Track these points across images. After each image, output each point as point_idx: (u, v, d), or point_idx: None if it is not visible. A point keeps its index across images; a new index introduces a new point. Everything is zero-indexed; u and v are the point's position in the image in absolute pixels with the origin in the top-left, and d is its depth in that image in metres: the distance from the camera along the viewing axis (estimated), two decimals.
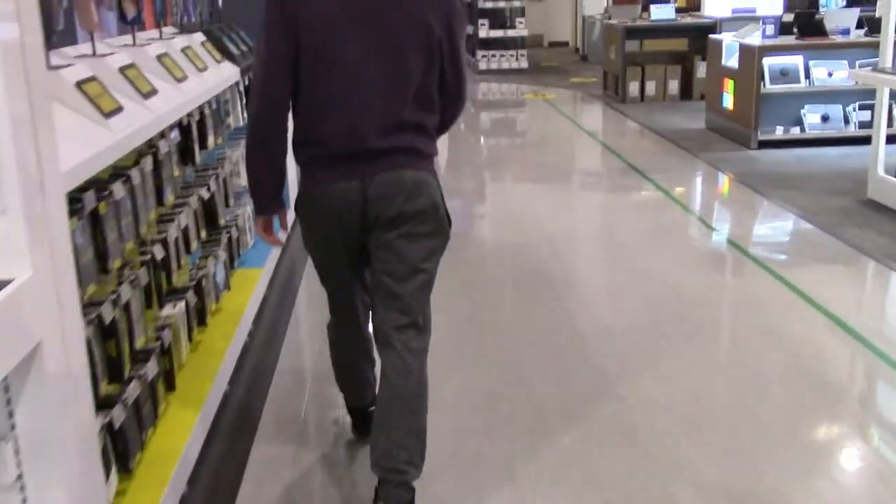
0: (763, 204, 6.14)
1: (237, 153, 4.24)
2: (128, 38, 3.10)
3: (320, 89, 2.22)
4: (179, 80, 3.03)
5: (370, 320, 2.50)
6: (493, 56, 14.03)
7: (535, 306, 4.24)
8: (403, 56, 2.23)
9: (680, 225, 5.80)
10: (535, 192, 6.80)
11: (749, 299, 4.31)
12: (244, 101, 4.36)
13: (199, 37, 3.77)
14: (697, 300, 4.29)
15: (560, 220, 5.97)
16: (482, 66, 14.03)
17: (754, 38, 7.73)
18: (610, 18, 15.12)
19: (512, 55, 14.09)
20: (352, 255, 2.39)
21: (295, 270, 4.80)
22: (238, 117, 4.25)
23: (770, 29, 7.72)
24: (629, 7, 15.85)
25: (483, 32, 13.85)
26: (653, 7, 10.47)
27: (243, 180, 4.29)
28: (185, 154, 3.26)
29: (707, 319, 4.05)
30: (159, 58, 3.02)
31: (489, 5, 13.72)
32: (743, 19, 9.97)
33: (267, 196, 2.40)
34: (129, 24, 3.05)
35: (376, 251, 2.33)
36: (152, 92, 2.72)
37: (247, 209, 4.34)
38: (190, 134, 3.27)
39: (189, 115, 3.18)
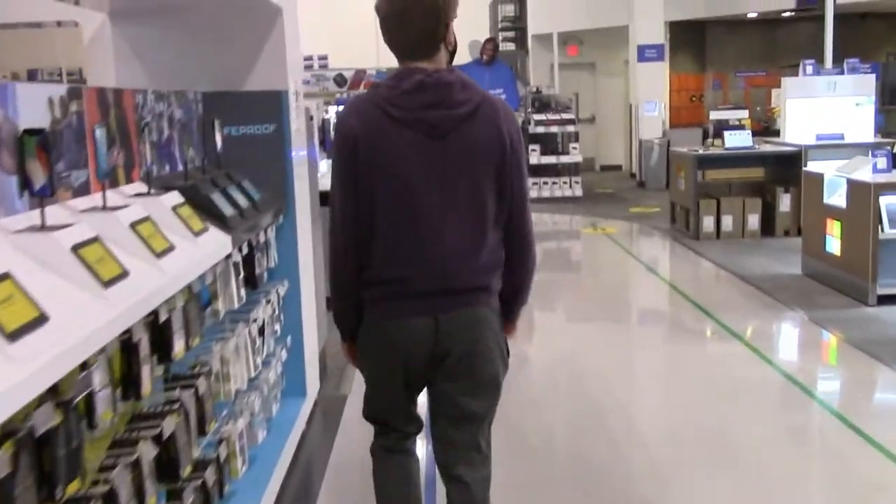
0: (885, 374, 4.89)
1: (230, 346, 3.10)
2: (36, 216, 2.00)
3: (393, 227, 2.23)
4: (107, 283, 1.91)
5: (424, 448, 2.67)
6: (545, 183, 13.05)
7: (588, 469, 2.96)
8: (475, 190, 2.23)
9: (773, 391, 4.67)
10: (597, 341, 5.59)
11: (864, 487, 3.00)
12: (240, 275, 3.25)
13: (171, 199, 2.69)
14: (794, 484, 2.99)
15: (624, 379, 4.95)
16: (533, 193, 13.01)
17: (864, 173, 6.56)
18: (670, 143, 14.23)
19: (565, 182, 13.09)
20: (412, 386, 2.39)
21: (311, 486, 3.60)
22: (233, 297, 3.13)
23: (882, 162, 6.55)
24: (689, 130, 14.95)
25: (534, 159, 12.90)
26: (727, 134, 9.40)
27: (234, 383, 3.14)
28: (127, 387, 2.13)
29: None
30: (78, 248, 1.91)
31: (540, 130, 12.82)
32: (830, 146, 8.86)
33: (350, 323, 2.40)
34: (37, 196, 1.96)
35: (441, 399, 2.38)
36: (40, 319, 1.59)
37: (239, 424, 3.16)
38: (135, 355, 2.14)
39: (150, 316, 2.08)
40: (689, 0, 15.10)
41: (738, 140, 9.34)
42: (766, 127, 14.37)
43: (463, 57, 10.55)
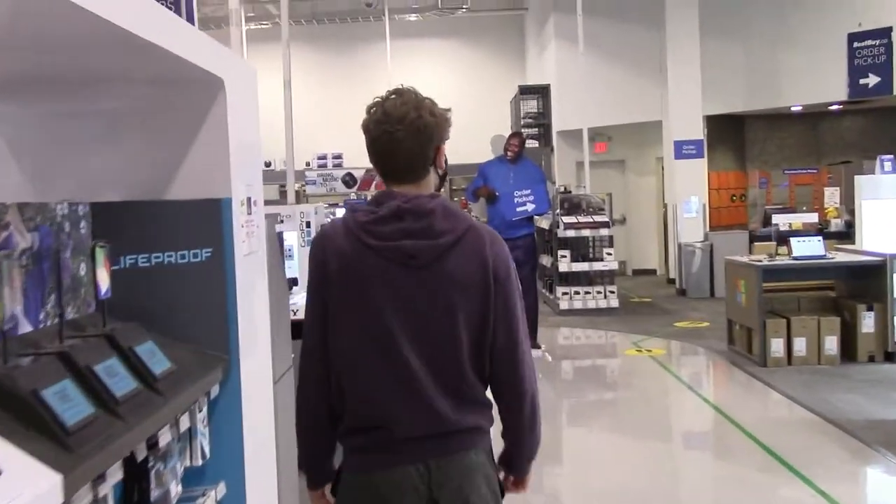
0: None
1: None
2: None
3: (366, 365, 2.06)
4: None
5: None
6: (577, 293, 11.67)
7: None
8: (454, 326, 2.04)
9: None
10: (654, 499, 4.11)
11: None
12: None
13: None
14: None
15: None
16: (563, 304, 11.64)
17: None
18: (713, 248, 12.89)
19: (599, 292, 11.71)
20: None
21: None
22: None
23: None
24: (733, 233, 13.61)
25: (564, 266, 11.57)
26: (795, 241, 8.04)
27: None
28: None
29: None
30: None
31: (570, 234, 11.52)
32: None
33: (320, 470, 2.25)
34: None
35: None
36: None
37: None
38: None
39: None
40: (727, 93, 14.00)
41: (808, 248, 7.98)
42: (821, 230, 13.01)
43: (485, 153, 9.30)
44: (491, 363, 2.10)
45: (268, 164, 19.78)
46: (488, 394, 2.19)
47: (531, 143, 14.83)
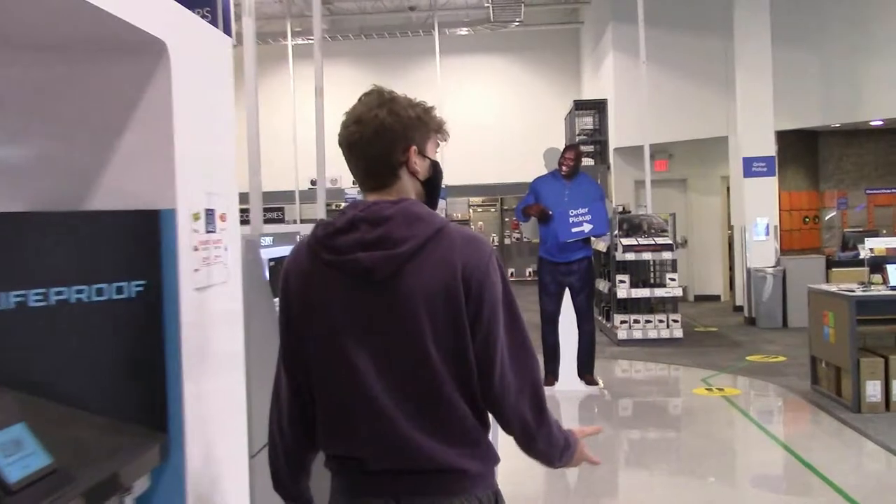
0: None
1: None
2: None
3: (327, 394, 1.86)
4: None
5: None
6: (637, 322, 10.71)
7: None
8: (421, 350, 1.79)
9: None
10: None
11: None
12: None
13: None
14: None
15: None
16: (622, 334, 10.69)
17: None
18: (786, 274, 11.83)
19: (661, 320, 10.73)
20: None
21: None
22: None
23: None
24: (807, 258, 12.53)
25: (622, 292, 10.62)
26: (891, 268, 7.02)
27: None
28: None
29: None
30: None
31: (630, 257, 10.59)
32: None
33: (291, 493, 2.02)
34: None
35: None
36: None
37: None
38: None
39: None
40: (801, 107, 12.97)
41: None
42: None
43: (538, 171, 8.44)
44: (485, 388, 1.86)
45: (313, 183, 19.24)
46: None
47: (587, 162, 13.95)
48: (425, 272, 1.79)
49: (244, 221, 7.04)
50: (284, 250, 4.85)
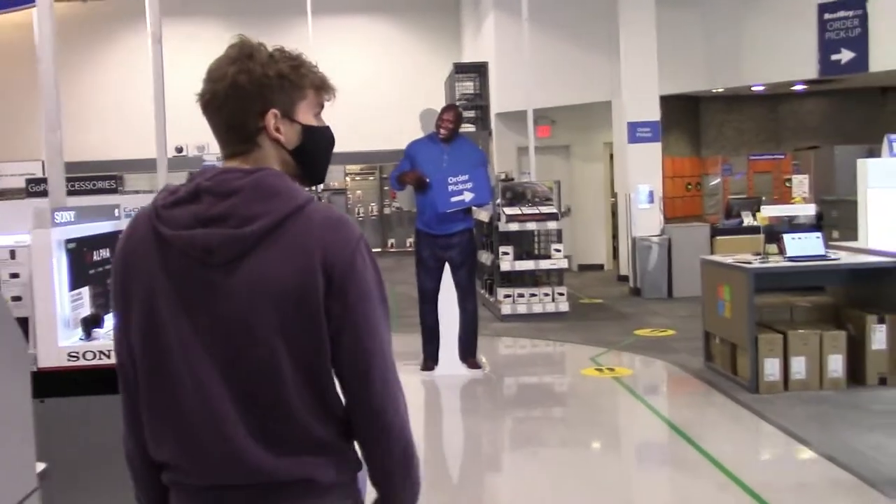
0: None
1: None
2: None
3: (151, 394, 1.58)
4: None
5: None
6: (521, 297, 10.13)
7: None
8: (267, 351, 1.51)
9: None
10: None
11: None
12: None
13: None
14: None
15: None
16: (505, 309, 10.09)
17: None
18: (671, 242, 11.50)
19: (546, 294, 10.19)
20: None
21: None
22: None
23: None
24: (692, 227, 12.26)
25: (506, 264, 10.01)
26: (789, 238, 6.60)
27: None
28: None
29: None
30: None
31: (514, 228, 9.97)
32: None
33: None
34: None
35: None
36: None
37: None
38: None
39: None
40: (684, 72, 12.62)
41: (804, 247, 6.54)
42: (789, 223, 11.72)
43: (416, 134, 7.63)
44: (343, 394, 1.58)
45: (179, 150, 17.87)
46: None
47: (467, 128, 13.30)
48: (277, 259, 1.51)
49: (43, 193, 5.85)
50: (97, 227, 3.95)
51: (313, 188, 12.46)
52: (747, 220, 11.70)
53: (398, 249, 19.39)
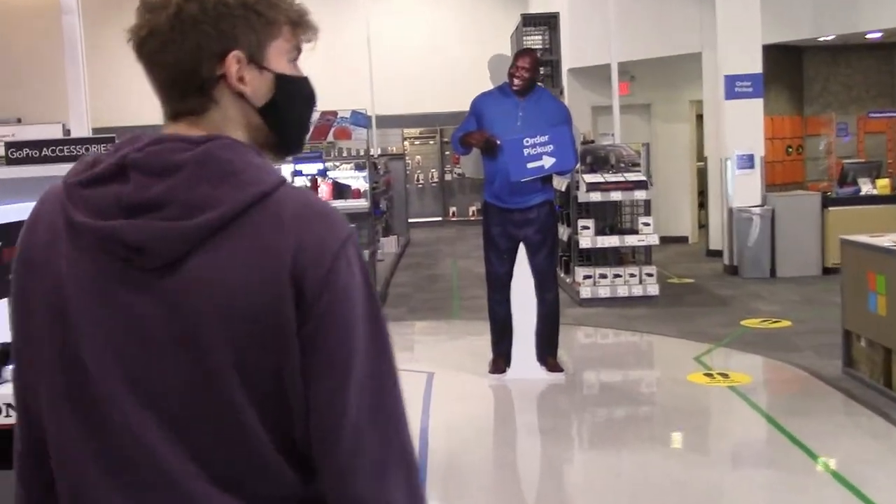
0: None
1: None
2: None
3: (62, 455, 1.16)
4: None
5: None
6: (603, 277, 8.75)
7: None
8: (220, 396, 1.10)
9: None
10: None
11: None
12: None
13: None
14: None
15: None
16: (585, 293, 8.73)
17: None
18: (775, 214, 9.96)
19: (632, 275, 8.80)
20: None
21: None
22: None
23: None
24: (799, 196, 10.71)
25: (585, 240, 8.63)
26: None
27: None
28: None
29: None
30: None
31: (595, 197, 8.57)
32: None
33: None
34: None
35: None
36: None
37: None
38: None
39: None
40: (787, 17, 10.98)
41: None
42: None
43: (478, 90, 6.23)
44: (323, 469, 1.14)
45: None
46: None
47: None
48: (230, 262, 1.09)
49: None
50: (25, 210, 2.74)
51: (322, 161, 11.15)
52: (865, 188, 10.11)
53: (460, 219, 18.14)
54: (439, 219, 18.25)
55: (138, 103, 16.39)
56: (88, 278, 1.12)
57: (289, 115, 1.23)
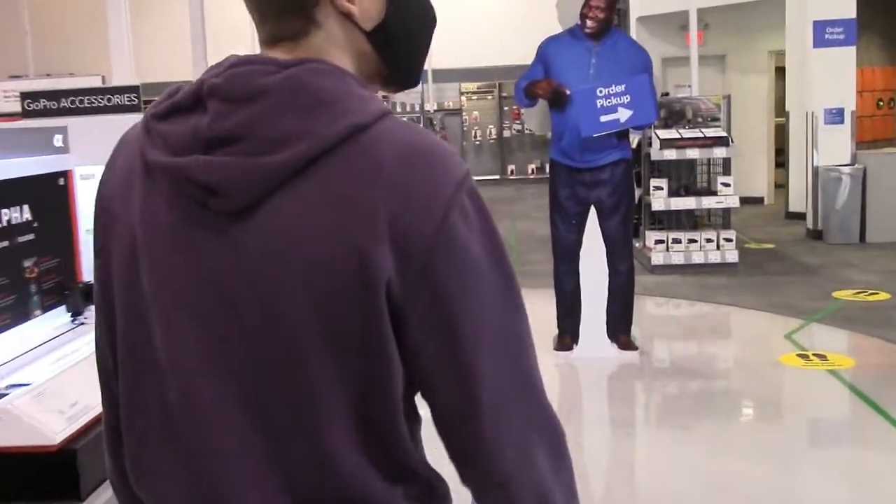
0: None
1: None
2: None
3: (130, 406, 1.07)
4: None
5: None
6: (677, 242, 8.04)
7: None
8: (294, 359, 0.96)
9: None
10: None
11: None
12: None
13: None
14: None
15: None
16: (657, 259, 8.04)
17: None
18: (866, 174, 9.10)
19: (709, 240, 8.07)
20: None
21: None
22: None
23: None
24: (890, 155, 9.80)
25: (658, 202, 7.93)
26: None
27: None
28: None
29: None
30: None
31: (670, 155, 7.84)
32: None
33: None
34: None
35: None
36: None
37: None
38: None
39: None
40: None
41: None
42: None
43: (539, 41, 5.52)
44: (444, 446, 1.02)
45: None
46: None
47: None
48: (314, 210, 0.93)
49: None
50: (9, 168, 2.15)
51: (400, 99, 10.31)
52: None
53: (519, 177, 17.45)
54: (497, 177, 17.58)
55: (176, 60, 16.04)
56: (162, 224, 1.00)
57: (402, 40, 1.06)
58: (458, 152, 1.27)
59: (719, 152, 7.91)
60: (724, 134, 7.96)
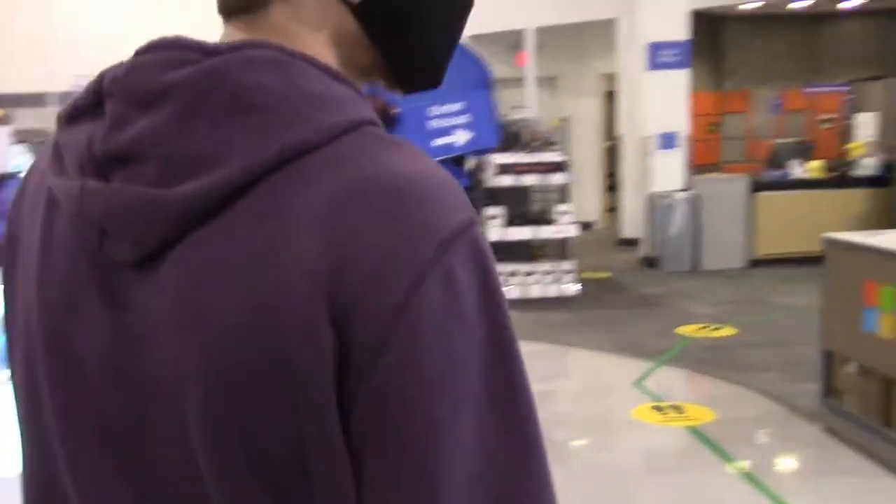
0: None
1: None
2: None
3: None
4: None
5: None
6: (513, 276, 7.48)
7: None
8: (208, 446, 0.62)
9: None
10: None
11: None
12: None
13: None
14: None
15: None
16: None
17: None
18: (699, 201, 8.92)
19: (548, 273, 7.56)
20: None
21: None
22: None
23: None
24: (726, 181, 9.71)
25: (495, 233, 7.33)
26: None
27: None
28: None
29: None
30: None
31: (506, 182, 7.26)
32: None
33: None
34: None
35: None
36: None
37: None
38: None
39: None
40: None
41: None
42: (841, 175, 9.26)
43: None
44: None
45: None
46: None
47: None
48: (224, 274, 0.62)
49: None
50: None
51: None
52: (796, 170, 9.20)
53: None
54: None
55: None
56: (58, 268, 0.71)
57: (408, 15, 0.71)
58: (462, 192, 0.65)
59: (558, 178, 7.42)
60: (563, 158, 7.48)
